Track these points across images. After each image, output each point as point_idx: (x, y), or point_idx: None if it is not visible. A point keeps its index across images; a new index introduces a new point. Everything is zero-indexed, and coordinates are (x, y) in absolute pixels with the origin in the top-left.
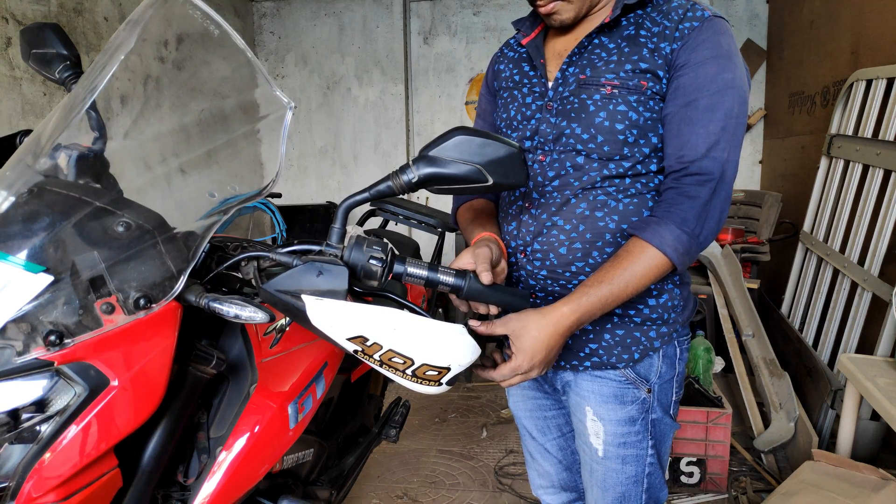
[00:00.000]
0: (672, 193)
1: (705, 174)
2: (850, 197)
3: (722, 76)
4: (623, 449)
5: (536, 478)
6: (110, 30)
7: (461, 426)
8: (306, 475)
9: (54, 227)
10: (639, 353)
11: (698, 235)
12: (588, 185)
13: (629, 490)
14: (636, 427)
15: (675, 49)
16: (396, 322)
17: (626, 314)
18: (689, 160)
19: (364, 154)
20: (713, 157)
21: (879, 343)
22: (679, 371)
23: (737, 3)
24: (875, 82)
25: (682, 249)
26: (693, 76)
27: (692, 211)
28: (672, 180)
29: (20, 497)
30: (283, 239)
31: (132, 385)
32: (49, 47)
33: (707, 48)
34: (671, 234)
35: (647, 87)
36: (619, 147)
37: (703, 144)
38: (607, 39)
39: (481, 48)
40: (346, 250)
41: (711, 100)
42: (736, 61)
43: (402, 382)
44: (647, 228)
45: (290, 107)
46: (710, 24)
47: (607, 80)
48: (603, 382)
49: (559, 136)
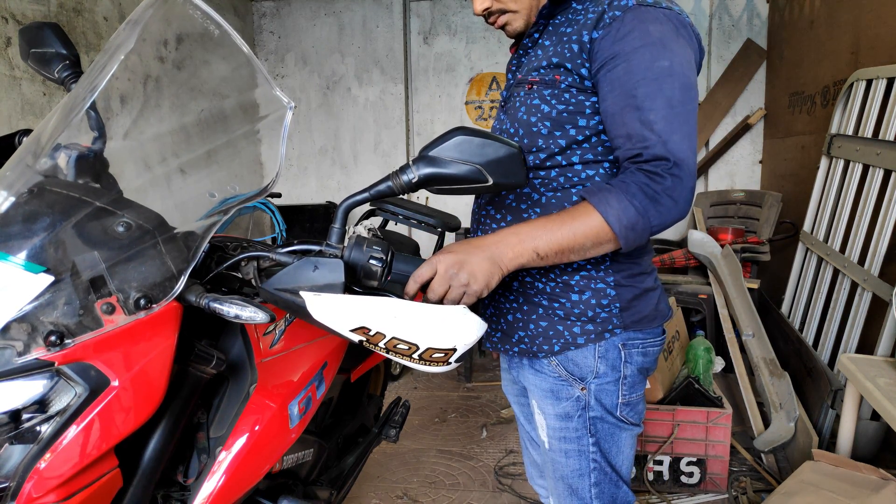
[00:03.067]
0: (631, 171)
1: (661, 159)
2: (850, 197)
3: (657, 64)
4: (564, 443)
5: (529, 466)
6: (110, 30)
7: (461, 426)
8: (306, 475)
9: (54, 227)
10: (559, 346)
11: (648, 216)
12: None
13: (575, 482)
14: (573, 423)
15: (596, 38)
16: (396, 310)
17: (550, 306)
18: (642, 146)
19: (364, 154)
20: (663, 141)
21: (879, 343)
22: (627, 374)
23: (737, 3)
24: (875, 82)
25: (625, 222)
26: (626, 67)
27: (649, 189)
28: (629, 163)
29: (20, 497)
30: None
31: (132, 385)
32: (48, 47)
33: (635, 37)
34: (618, 203)
35: (560, 81)
36: (534, 139)
37: (650, 131)
38: (546, 38)
39: (481, 48)
40: (346, 250)
41: (649, 88)
42: (672, 47)
43: (411, 366)
44: (596, 193)
45: (290, 107)
46: (633, 14)
47: (531, 77)
48: (542, 377)
49: (501, 131)
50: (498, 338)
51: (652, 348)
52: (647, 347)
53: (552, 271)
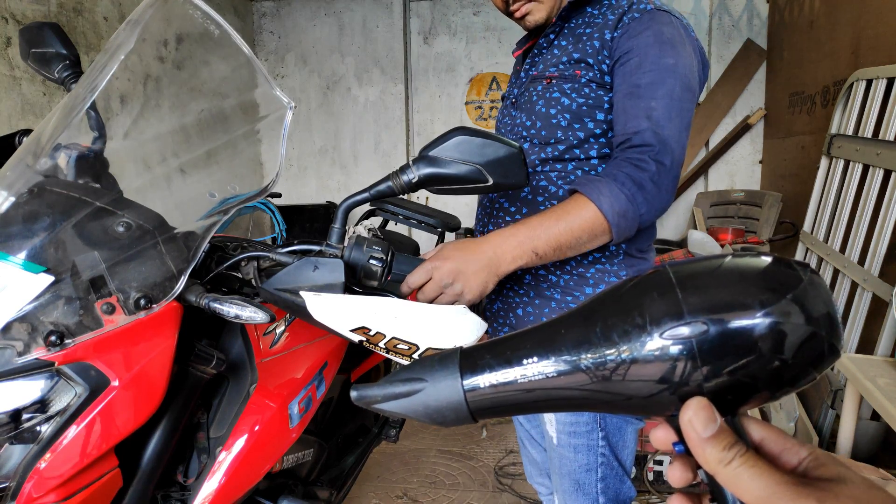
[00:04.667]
0: (618, 160)
1: (648, 145)
2: (850, 197)
3: (664, 60)
4: (574, 438)
5: (528, 465)
6: (110, 30)
7: (461, 426)
8: (306, 475)
9: (54, 227)
10: None
11: (636, 202)
12: (530, 169)
13: (583, 478)
14: (584, 417)
15: (616, 37)
16: (396, 310)
17: (563, 300)
18: (633, 132)
19: (364, 154)
20: (653, 130)
21: (879, 343)
22: None
23: (737, 3)
24: (875, 82)
25: (618, 208)
26: (637, 60)
27: (634, 176)
28: (618, 151)
29: (20, 497)
30: (283, 239)
31: (132, 385)
32: (48, 47)
33: (649, 35)
34: (610, 192)
35: (581, 76)
36: (553, 131)
37: (645, 119)
38: (562, 39)
39: (481, 48)
40: (346, 250)
41: (653, 77)
42: (679, 50)
43: None
44: (587, 184)
45: (289, 107)
46: (650, 16)
47: (550, 72)
48: None
49: (513, 126)
50: (505, 333)
51: None
52: None
53: (568, 264)
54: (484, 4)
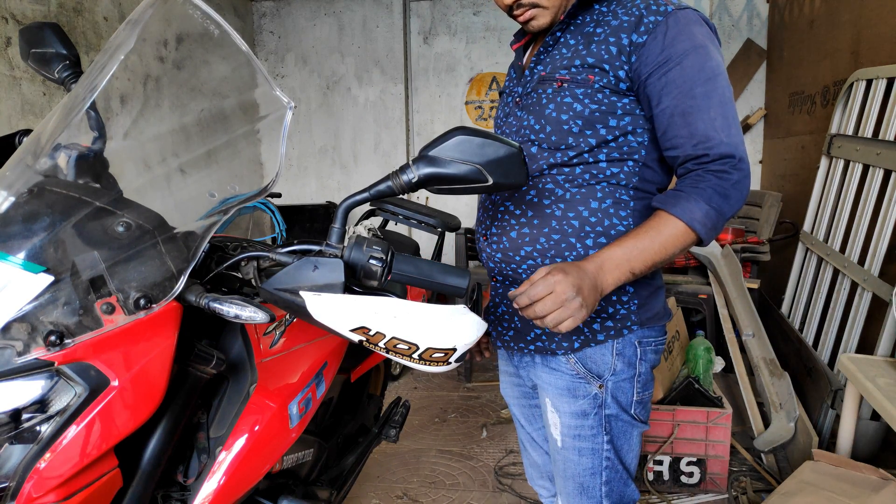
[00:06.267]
0: (699, 174)
1: (727, 156)
2: (850, 197)
3: (708, 65)
4: (578, 441)
5: (529, 467)
6: (110, 30)
7: (461, 426)
8: (306, 475)
9: (54, 227)
10: (579, 343)
11: (725, 212)
12: (536, 172)
13: (587, 481)
14: (589, 421)
15: (640, 43)
16: (396, 310)
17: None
18: (708, 146)
19: (364, 154)
20: (725, 140)
21: (879, 343)
22: (641, 372)
23: (737, 3)
24: (875, 82)
25: (710, 224)
26: (680, 69)
27: (720, 188)
28: (694, 164)
29: (20, 497)
30: (283, 239)
31: (132, 385)
32: (48, 47)
33: (683, 40)
34: (700, 210)
35: (594, 81)
36: (564, 137)
37: (713, 130)
38: (570, 37)
39: (481, 48)
40: (346, 250)
41: (706, 87)
42: (712, 48)
43: (411, 366)
44: (676, 204)
45: (289, 107)
46: (675, 18)
47: (560, 75)
48: (557, 375)
49: (519, 128)
50: (510, 336)
51: (660, 346)
52: (657, 345)
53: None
54: (484, 4)
